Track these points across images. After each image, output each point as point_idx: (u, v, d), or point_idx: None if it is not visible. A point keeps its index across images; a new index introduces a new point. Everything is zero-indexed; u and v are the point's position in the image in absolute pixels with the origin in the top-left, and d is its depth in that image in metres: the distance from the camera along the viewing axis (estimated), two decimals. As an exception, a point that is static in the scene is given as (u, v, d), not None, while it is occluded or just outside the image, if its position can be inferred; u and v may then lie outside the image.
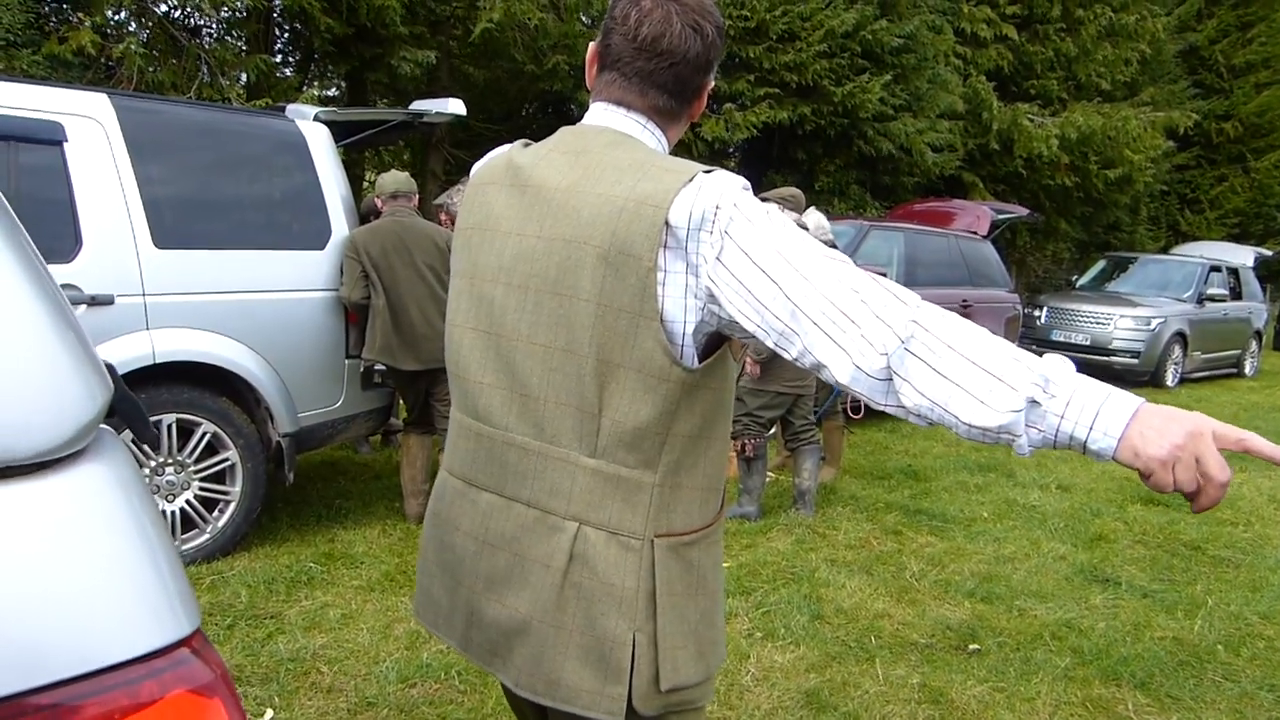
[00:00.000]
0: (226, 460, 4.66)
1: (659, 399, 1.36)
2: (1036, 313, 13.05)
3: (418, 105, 5.81)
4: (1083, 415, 1.15)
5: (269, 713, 3.22)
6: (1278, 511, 6.37)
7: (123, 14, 9.14)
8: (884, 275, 6.46)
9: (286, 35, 11.82)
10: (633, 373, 1.35)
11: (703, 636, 1.48)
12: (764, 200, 5.41)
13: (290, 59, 12.56)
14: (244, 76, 9.48)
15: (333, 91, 13.65)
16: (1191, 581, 4.88)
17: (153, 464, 4.46)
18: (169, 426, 4.46)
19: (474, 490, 1.53)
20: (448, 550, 1.57)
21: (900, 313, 1.22)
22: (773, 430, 6.04)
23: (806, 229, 5.80)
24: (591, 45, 1.53)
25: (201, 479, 4.60)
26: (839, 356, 1.24)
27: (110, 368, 1.06)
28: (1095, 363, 12.34)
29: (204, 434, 4.56)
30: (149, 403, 4.35)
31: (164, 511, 4.51)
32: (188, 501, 4.57)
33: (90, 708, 0.76)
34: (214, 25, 10.49)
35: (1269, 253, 17.71)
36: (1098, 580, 4.85)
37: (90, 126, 4.22)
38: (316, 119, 5.16)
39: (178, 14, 9.50)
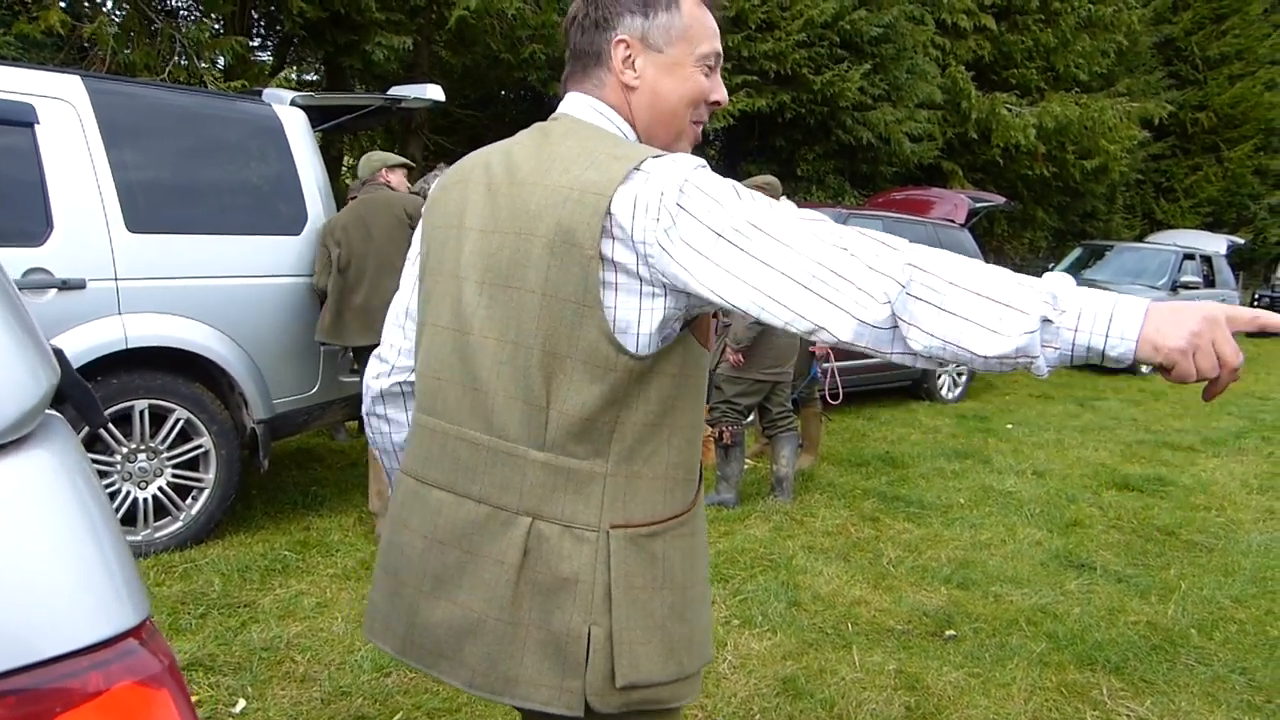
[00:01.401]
0: (200, 447, 4.62)
1: (605, 388, 1.34)
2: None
3: (396, 91, 5.76)
4: (1096, 324, 1.16)
5: (241, 703, 3.19)
6: (1250, 496, 6.43)
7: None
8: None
9: (263, 21, 11.71)
10: (579, 364, 1.33)
11: (672, 633, 1.43)
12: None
13: (268, 43, 12.45)
14: (220, 59, 9.38)
15: (311, 76, 13.56)
16: (1165, 566, 4.92)
17: (124, 450, 4.42)
18: (141, 412, 4.41)
19: (425, 488, 1.50)
20: (395, 550, 1.54)
21: (893, 259, 1.21)
22: (750, 417, 6.04)
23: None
24: None
25: (175, 466, 4.56)
26: (836, 315, 1.22)
27: (59, 353, 1.04)
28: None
29: (177, 420, 4.51)
30: (121, 389, 4.31)
31: (136, 499, 4.47)
32: (160, 489, 4.53)
33: (34, 700, 0.74)
34: (189, 8, 10.38)
35: (1242, 241, 17.91)
36: (1073, 565, 4.87)
37: (63, 109, 4.17)
38: (294, 103, 5.11)
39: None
